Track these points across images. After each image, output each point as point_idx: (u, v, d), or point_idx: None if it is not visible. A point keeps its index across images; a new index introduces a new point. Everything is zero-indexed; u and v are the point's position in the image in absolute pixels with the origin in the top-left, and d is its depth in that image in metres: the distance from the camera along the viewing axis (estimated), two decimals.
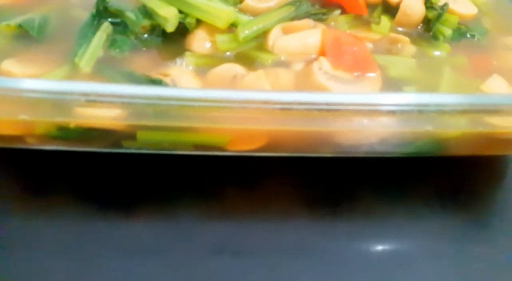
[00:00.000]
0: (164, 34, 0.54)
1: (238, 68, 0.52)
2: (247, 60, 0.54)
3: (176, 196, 0.53)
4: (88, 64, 0.51)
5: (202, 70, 0.53)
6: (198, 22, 0.54)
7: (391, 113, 0.43)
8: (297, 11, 0.57)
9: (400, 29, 0.60)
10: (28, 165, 0.55)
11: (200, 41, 0.54)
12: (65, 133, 0.47)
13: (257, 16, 0.56)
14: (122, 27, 0.54)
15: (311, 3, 0.58)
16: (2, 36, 0.53)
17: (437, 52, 0.58)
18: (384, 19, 0.59)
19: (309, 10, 0.58)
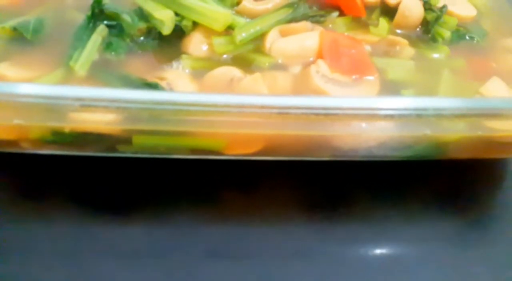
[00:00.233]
0: (160, 37, 0.54)
1: (235, 71, 0.51)
2: (244, 63, 0.54)
3: (173, 200, 0.53)
4: (83, 68, 0.50)
5: (199, 73, 0.52)
6: (195, 24, 0.54)
7: (389, 117, 0.43)
8: (294, 13, 0.57)
9: (398, 31, 0.59)
10: (23, 169, 0.54)
11: (196, 44, 0.54)
12: (59, 137, 0.47)
13: (254, 19, 0.56)
14: (117, 30, 0.54)
15: (308, 5, 0.58)
16: None
17: (435, 55, 0.57)
18: (383, 21, 0.59)
19: (306, 12, 0.57)
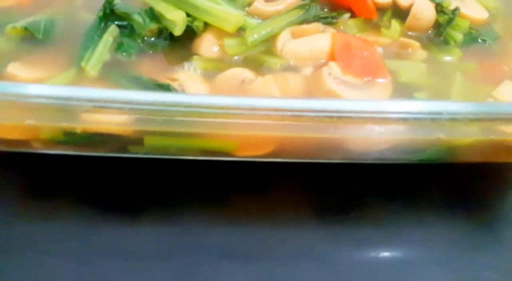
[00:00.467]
0: (171, 38, 0.54)
1: (246, 73, 0.51)
2: (256, 64, 0.53)
3: (183, 201, 0.53)
4: (95, 68, 0.50)
5: (210, 74, 0.52)
6: (206, 25, 0.54)
7: (403, 120, 0.43)
8: (306, 14, 0.57)
9: (410, 33, 0.59)
10: (33, 169, 0.54)
11: (208, 45, 0.54)
12: (71, 138, 0.47)
13: (265, 20, 0.56)
14: (129, 30, 0.54)
15: (320, 6, 0.58)
16: (8, 38, 0.53)
17: (447, 57, 0.57)
18: (394, 23, 0.58)
19: (318, 13, 0.57)
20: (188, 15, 0.53)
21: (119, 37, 0.53)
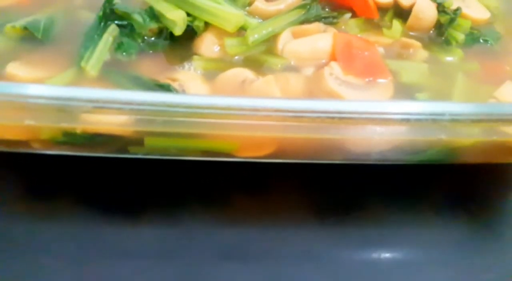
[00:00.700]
0: (171, 37, 0.53)
1: (247, 73, 0.51)
2: (256, 64, 0.53)
3: (183, 201, 0.53)
4: (95, 68, 0.50)
5: (211, 74, 0.52)
6: (207, 25, 0.54)
7: (405, 121, 0.43)
8: (307, 14, 0.56)
9: (411, 33, 0.59)
10: (33, 169, 0.54)
11: (208, 44, 0.54)
12: (71, 138, 0.47)
13: (266, 20, 0.55)
14: (129, 30, 0.53)
15: (321, 6, 0.58)
16: (7, 38, 0.53)
17: (449, 58, 0.57)
18: (396, 23, 0.58)
19: (319, 13, 0.57)
20: (188, 14, 0.53)
21: (119, 36, 0.53)
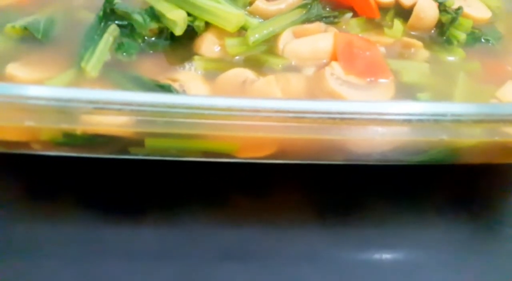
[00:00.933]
0: (172, 37, 0.53)
1: (247, 73, 0.51)
2: (257, 64, 0.53)
3: (184, 202, 0.53)
4: (95, 69, 0.50)
5: (211, 74, 0.52)
6: (207, 25, 0.53)
7: (406, 122, 0.42)
8: (308, 14, 0.56)
9: (413, 33, 0.58)
10: (33, 170, 0.54)
11: (209, 44, 0.53)
12: (71, 139, 0.46)
13: (267, 19, 0.55)
14: (129, 30, 0.53)
15: (322, 5, 0.57)
16: (6, 38, 0.53)
17: (450, 57, 0.57)
18: (397, 23, 0.58)
19: (320, 13, 0.57)
20: (189, 14, 0.52)
21: (119, 37, 0.53)
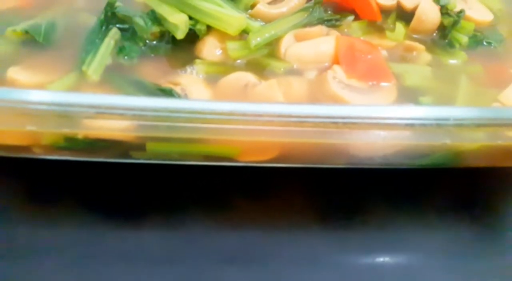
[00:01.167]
0: (173, 41, 0.53)
1: (249, 77, 0.51)
2: (259, 68, 0.53)
3: (185, 206, 0.52)
4: (96, 72, 0.50)
5: (213, 78, 0.52)
6: (209, 28, 0.53)
7: (409, 126, 0.42)
8: (310, 17, 0.56)
9: (415, 36, 0.58)
10: (34, 174, 0.54)
11: (210, 48, 0.53)
12: (72, 143, 0.46)
13: (269, 23, 0.55)
14: (130, 34, 0.53)
15: (323, 9, 0.57)
16: (8, 42, 0.52)
17: (452, 60, 0.57)
18: (399, 26, 0.58)
19: (322, 16, 0.57)
20: (190, 18, 0.52)
21: (120, 40, 0.53)
